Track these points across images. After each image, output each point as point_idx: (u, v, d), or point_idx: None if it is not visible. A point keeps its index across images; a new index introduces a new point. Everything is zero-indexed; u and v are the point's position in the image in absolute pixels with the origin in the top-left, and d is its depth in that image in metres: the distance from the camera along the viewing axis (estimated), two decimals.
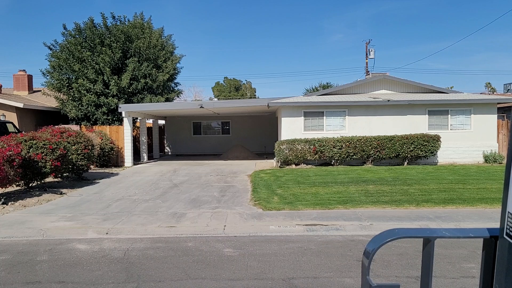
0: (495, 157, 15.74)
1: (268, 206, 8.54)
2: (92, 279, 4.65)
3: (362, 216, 7.58)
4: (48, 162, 10.47)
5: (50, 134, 11.49)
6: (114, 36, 19.17)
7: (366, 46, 35.57)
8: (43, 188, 10.93)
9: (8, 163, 9.10)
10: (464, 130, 16.26)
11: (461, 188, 10.21)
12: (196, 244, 6.10)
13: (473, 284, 4.36)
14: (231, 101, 29.53)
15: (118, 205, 9.03)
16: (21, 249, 5.94)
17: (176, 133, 25.18)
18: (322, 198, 9.31)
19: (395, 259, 5.21)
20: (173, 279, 4.65)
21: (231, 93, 54.98)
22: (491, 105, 16.35)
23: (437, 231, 1.24)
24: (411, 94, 17.58)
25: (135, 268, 5.04)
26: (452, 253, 5.35)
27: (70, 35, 19.41)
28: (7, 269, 5.01)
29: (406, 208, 8.25)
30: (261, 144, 24.26)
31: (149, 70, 19.39)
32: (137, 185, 11.91)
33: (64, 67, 18.97)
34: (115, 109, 18.62)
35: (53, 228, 7.03)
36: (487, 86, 42.88)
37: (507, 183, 1.05)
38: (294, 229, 6.84)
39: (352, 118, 16.27)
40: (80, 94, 18.72)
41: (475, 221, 7.16)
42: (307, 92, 40.49)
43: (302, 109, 16.28)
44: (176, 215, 7.92)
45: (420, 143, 15.17)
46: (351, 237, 6.40)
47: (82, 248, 5.94)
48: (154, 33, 20.33)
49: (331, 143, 15.22)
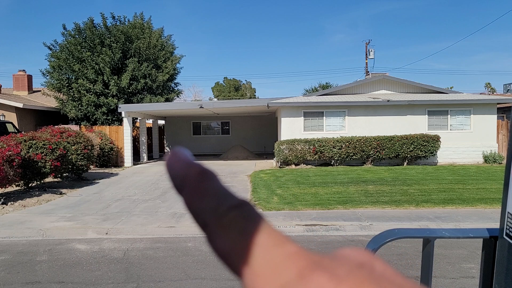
0: (494, 157, 15.74)
1: (267, 206, 8.54)
2: (92, 279, 4.65)
3: (361, 216, 7.58)
4: (48, 162, 10.46)
5: (50, 134, 11.48)
6: (114, 36, 19.16)
7: (366, 46, 35.59)
8: (43, 188, 10.93)
9: (7, 163, 9.10)
10: (464, 130, 16.26)
11: (461, 188, 10.21)
12: (196, 244, 6.10)
13: (472, 284, 4.36)
14: (231, 101, 29.52)
15: (117, 205, 9.03)
16: (21, 249, 5.93)
17: (176, 133, 25.18)
18: (321, 198, 9.31)
19: (395, 259, 5.21)
20: (173, 279, 4.65)
21: (231, 93, 54.97)
22: (490, 105, 16.35)
23: (437, 231, 1.24)
24: (411, 94, 17.59)
25: (135, 268, 5.04)
26: (452, 253, 5.36)
27: (70, 35, 19.39)
28: (7, 269, 5.01)
29: (405, 208, 8.25)
30: (261, 144, 24.25)
31: (149, 70, 19.38)
32: (136, 185, 11.91)
33: (64, 67, 18.96)
34: (114, 109, 18.61)
35: (52, 228, 7.03)
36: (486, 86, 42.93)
37: (506, 183, 1.05)
38: (293, 229, 6.84)
39: (352, 118, 16.27)
40: (80, 94, 18.71)
41: (474, 221, 7.16)
42: (306, 93, 40.49)
43: (302, 109, 16.28)
44: (176, 215, 7.92)
45: (419, 143, 15.17)
46: (350, 237, 6.40)
47: (82, 248, 5.93)
48: (154, 33, 20.32)
49: (330, 143, 15.21)
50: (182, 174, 0.28)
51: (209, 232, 0.26)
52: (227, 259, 0.25)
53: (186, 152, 0.29)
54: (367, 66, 35.75)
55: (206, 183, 0.27)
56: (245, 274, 0.24)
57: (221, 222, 0.26)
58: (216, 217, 0.26)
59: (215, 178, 0.28)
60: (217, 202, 0.26)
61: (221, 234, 0.25)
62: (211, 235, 0.26)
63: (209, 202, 0.27)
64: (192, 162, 0.28)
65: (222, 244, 0.25)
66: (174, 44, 21.81)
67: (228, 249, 0.25)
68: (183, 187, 0.27)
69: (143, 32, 20.00)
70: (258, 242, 0.25)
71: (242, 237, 0.25)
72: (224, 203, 0.27)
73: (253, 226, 0.26)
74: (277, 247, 0.24)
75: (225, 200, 0.27)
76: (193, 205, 0.27)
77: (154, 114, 21.19)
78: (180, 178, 0.28)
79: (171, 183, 0.28)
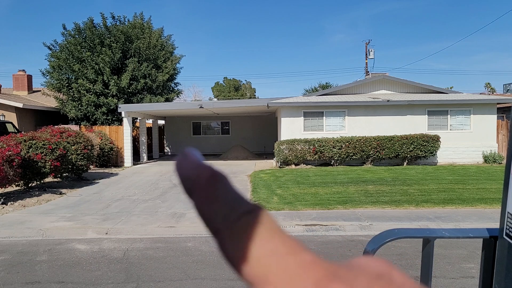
0: (494, 157, 15.74)
1: (267, 206, 8.53)
2: (92, 279, 4.65)
3: (361, 216, 7.58)
4: (48, 162, 10.46)
5: (50, 134, 11.48)
6: (114, 36, 19.16)
7: (366, 46, 35.59)
8: (43, 188, 10.92)
9: (7, 163, 9.09)
10: (464, 130, 16.26)
11: (461, 188, 10.21)
12: (195, 244, 6.10)
13: (472, 284, 4.36)
14: (230, 101, 29.52)
15: (117, 205, 9.03)
16: (21, 249, 5.93)
17: (176, 133, 25.17)
18: (321, 198, 9.32)
19: (394, 259, 5.21)
20: (173, 279, 4.65)
21: (231, 93, 54.96)
22: (490, 105, 16.36)
23: (437, 231, 1.24)
24: (410, 94, 17.59)
25: (135, 268, 5.04)
26: (452, 253, 5.36)
27: (70, 35, 19.39)
28: (7, 269, 5.01)
29: (405, 208, 8.25)
30: (261, 144, 24.24)
31: (148, 70, 19.38)
32: (136, 185, 11.91)
33: (63, 67, 18.96)
34: (114, 109, 18.61)
35: (52, 228, 7.03)
36: (486, 86, 42.94)
37: (506, 183, 1.05)
38: (293, 229, 6.84)
39: (352, 118, 16.27)
40: (80, 94, 18.71)
41: (474, 221, 7.16)
42: (306, 93, 40.50)
43: (302, 109, 16.28)
44: (176, 215, 7.91)
45: (419, 143, 15.17)
46: (350, 237, 6.40)
47: (82, 248, 5.93)
48: (154, 33, 20.32)
49: (330, 143, 15.22)
50: (193, 176, 0.27)
51: (220, 239, 0.25)
52: (239, 267, 0.24)
53: (197, 153, 0.28)
54: (367, 66, 35.75)
55: (218, 186, 0.26)
56: (258, 284, 0.23)
57: (233, 228, 0.25)
58: (228, 223, 0.25)
59: (227, 181, 0.27)
60: (229, 208, 0.26)
61: (233, 241, 0.25)
62: (223, 242, 0.25)
63: (220, 207, 0.26)
64: (203, 164, 0.27)
65: (234, 251, 0.24)
66: (174, 44, 21.83)
67: (240, 256, 0.24)
68: (193, 191, 0.26)
69: (143, 32, 20.00)
70: (271, 250, 0.24)
71: (255, 244, 0.24)
72: (236, 208, 0.26)
73: (267, 233, 0.25)
74: (292, 255, 0.24)
75: (237, 206, 0.26)
76: (204, 210, 0.26)
77: (154, 114, 21.19)
78: (190, 181, 0.27)
79: (181, 186, 0.27)
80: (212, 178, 0.27)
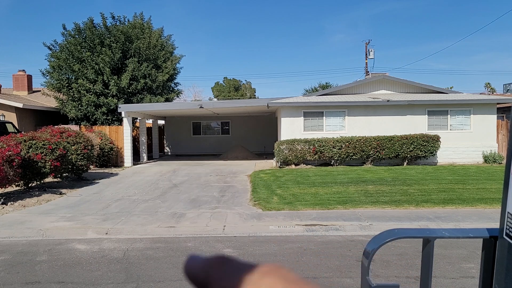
0: (494, 157, 15.74)
1: (267, 206, 8.54)
2: (92, 279, 4.65)
3: (361, 216, 7.58)
4: (48, 162, 10.46)
5: (50, 134, 11.48)
6: (114, 36, 19.16)
7: (366, 46, 35.58)
8: (43, 188, 10.92)
9: (7, 163, 9.09)
10: (464, 130, 16.26)
11: (461, 188, 10.21)
12: (195, 244, 6.10)
13: (472, 284, 4.36)
14: (230, 101, 29.53)
15: (117, 205, 9.03)
16: (21, 249, 5.93)
17: (176, 133, 25.17)
18: (321, 198, 9.32)
19: (394, 259, 5.21)
20: (173, 279, 4.65)
21: (231, 93, 54.97)
22: (490, 105, 16.36)
23: (437, 231, 1.24)
24: (410, 94, 17.59)
25: (135, 268, 5.04)
26: (452, 253, 5.36)
27: (70, 35, 19.39)
28: (7, 269, 5.01)
29: (405, 208, 8.25)
30: (261, 144, 24.24)
31: (148, 70, 19.38)
32: (136, 185, 11.91)
33: (63, 67, 18.96)
34: (114, 109, 18.61)
35: (52, 228, 7.03)
36: (486, 86, 42.94)
37: (506, 183, 1.05)
38: (293, 229, 6.84)
39: (352, 118, 16.27)
40: (80, 94, 18.71)
41: (474, 221, 7.16)
42: (306, 93, 40.51)
43: (302, 109, 16.28)
44: (176, 215, 7.91)
45: (419, 143, 15.17)
46: (350, 237, 6.40)
47: (82, 248, 5.93)
48: (154, 33, 20.32)
49: (330, 143, 15.22)
50: (204, 274, 0.29)
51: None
52: None
53: (201, 257, 0.31)
54: (367, 66, 35.75)
55: (229, 272, 0.28)
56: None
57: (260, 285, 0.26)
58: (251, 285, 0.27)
59: (235, 262, 0.29)
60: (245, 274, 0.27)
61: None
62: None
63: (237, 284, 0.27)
64: (210, 259, 0.29)
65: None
66: (174, 44, 21.84)
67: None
68: (209, 278, 0.28)
69: (143, 32, 20.00)
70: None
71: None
72: (252, 271, 0.27)
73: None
74: None
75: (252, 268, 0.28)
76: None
77: (154, 114, 21.19)
78: (204, 273, 0.29)
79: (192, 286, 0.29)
80: (221, 260, 0.30)
